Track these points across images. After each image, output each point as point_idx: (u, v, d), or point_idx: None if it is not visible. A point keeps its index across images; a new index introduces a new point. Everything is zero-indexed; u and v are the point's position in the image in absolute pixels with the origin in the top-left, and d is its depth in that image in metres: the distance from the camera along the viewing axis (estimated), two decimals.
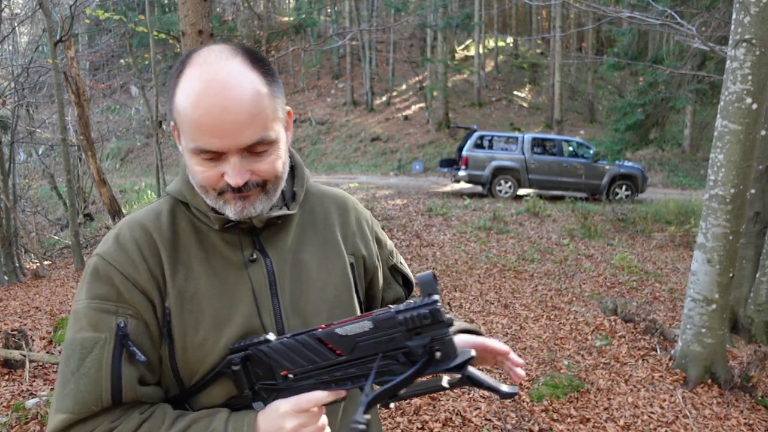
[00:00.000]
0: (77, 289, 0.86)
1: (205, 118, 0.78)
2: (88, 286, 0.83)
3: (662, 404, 3.60)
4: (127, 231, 0.87)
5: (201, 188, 0.86)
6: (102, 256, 0.85)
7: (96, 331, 0.80)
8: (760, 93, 3.61)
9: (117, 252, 0.84)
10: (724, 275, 3.85)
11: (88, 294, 0.83)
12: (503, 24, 33.23)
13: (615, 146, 9.99)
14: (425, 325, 0.73)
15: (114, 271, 0.83)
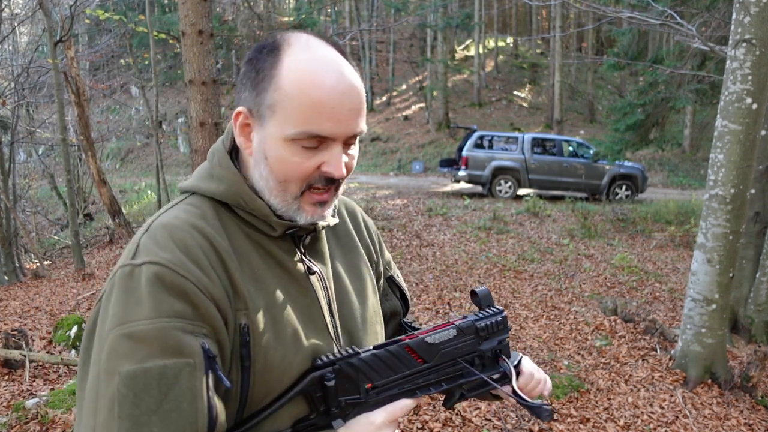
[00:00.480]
0: (113, 305, 0.67)
1: (325, 100, 0.73)
2: (153, 301, 0.65)
3: (662, 404, 3.60)
4: (186, 235, 0.72)
5: (283, 184, 0.77)
6: (166, 265, 0.67)
7: (180, 357, 0.64)
8: (760, 93, 3.61)
9: (185, 260, 0.69)
10: (724, 275, 3.85)
11: (156, 311, 0.65)
12: (503, 24, 33.24)
13: (615, 146, 9.99)
14: (496, 331, 0.87)
15: (187, 283, 0.67)
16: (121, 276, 0.69)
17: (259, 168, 0.78)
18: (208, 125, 5.76)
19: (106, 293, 0.70)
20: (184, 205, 0.79)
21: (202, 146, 5.81)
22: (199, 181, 0.82)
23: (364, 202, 10.98)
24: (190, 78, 5.67)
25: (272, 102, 0.74)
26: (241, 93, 0.79)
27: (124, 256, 0.72)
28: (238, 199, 0.79)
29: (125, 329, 0.65)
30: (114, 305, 0.67)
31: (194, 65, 5.63)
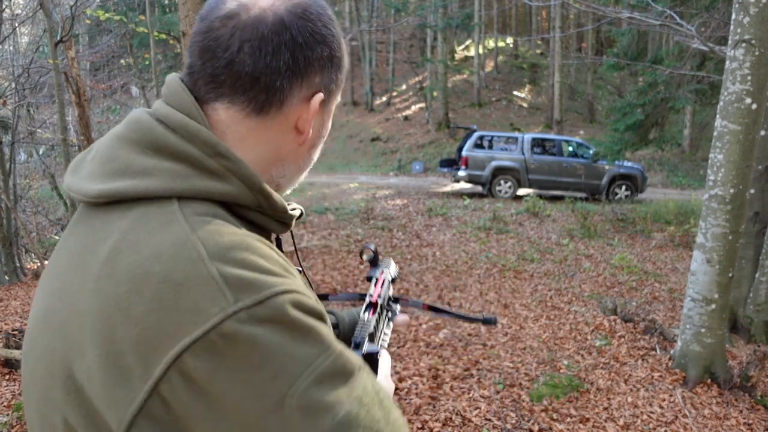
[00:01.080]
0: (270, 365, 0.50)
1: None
2: (312, 331, 0.53)
3: (662, 404, 3.61)
4: (266, 250, 0.57)
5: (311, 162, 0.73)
6: (292, 290, 0.54)
7: (360, 367, 0.57)
8: (759, 93, 3.61)
9: (295, 280, 0.57)
10: (723, 275, 3.86)
11: (321, 339, 0.53)
12: (503, 24, 33.25)
13: (614, 146, 10.00)
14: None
15: (313, 302, 0.57)
16: (244, 324, 0.49)
17: (312, 151, 0.72)
18: None
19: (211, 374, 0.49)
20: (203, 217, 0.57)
21: None
22: (180, 180, 0.58)
23: (364, 202, 10.99)
24: None
25: (341, 80, 0.71)
26: (313, 76, 0.65)
27: (213, 303, 0.50)
28: (257, 198, 0.62)
29: (307, 379, 0.50)
30: (267, 362, 0.49)
31: None
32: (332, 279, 6.06)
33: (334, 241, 7.77)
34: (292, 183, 0.73)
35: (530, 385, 3.74)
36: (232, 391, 0.48)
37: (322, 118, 0.70)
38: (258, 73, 0.61)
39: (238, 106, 0.63)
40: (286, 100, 0.64)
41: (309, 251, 7.12)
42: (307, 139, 0.68)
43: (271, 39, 0.61)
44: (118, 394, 0.49)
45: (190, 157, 0.59)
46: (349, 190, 13.22)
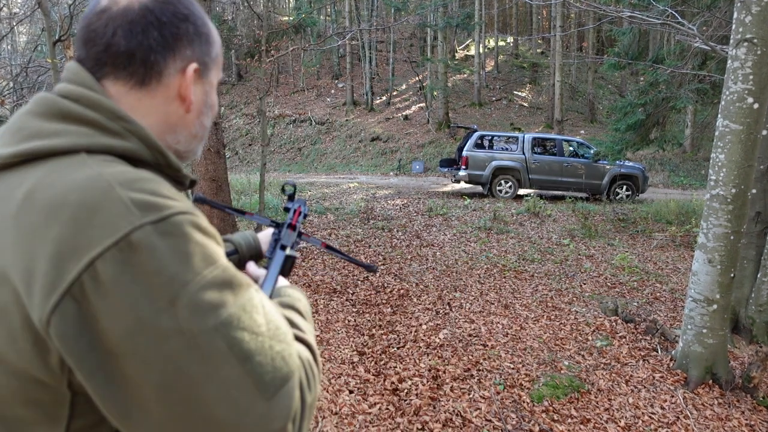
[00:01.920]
0: (156, 272, 0.57)
1: None
2: (207, 247, 0.62)
3: (663, 405, 3.59)
4: (164, 181, 0.66)
5: (203, 129, 0.83)
6: (189, 211, 0.63)
7: (249, 284, 0.66)
8: (761, 92, 3.59)
9: (192, 206, 0.66)
10: (725, 275, 3.83)
11: (216, 255, 0.62)
12: (503, 24, 33.24)
13: (615, 146, 9.98)
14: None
15: (209, 226, 0.66)
16: (149, 235, 0.57)
17: (201, 119, 0.81)
18: None
19: (120, 272, 0.56)
20: (108, 163, 0.64)
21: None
22: (86, 137, 0.66)
23: (364, 202, 10.98)
24: None
25: (216, 54, 0.81)
26: (184, 49, 0.75)
27: (122, 218, 0.58)
28: (155, 155, 0.72)
29: (197, 284, 0.58)
30: (165, 267, 0.57)
31: None
32: (332, 279, 6.05)
33: (334, 241, 7.75)
34: (191, 149, 0.82)
35: (531, 385, 3.72)
36: (132, 291, 0.56)
37: (204, 89, 0.80)
38: (132, 50, 0.71)
39: (122, 80, 0.72)
40: (164, 72, 0.74)
41: (309, 251, 7.10)
42: (191, 105, 0.77)
43: (139, 21, 0.71)
44: (37, 298, 0.56)
45: (94, 121, 0.68)
46: (348, 190, 13.20)
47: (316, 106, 24.52)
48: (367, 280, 6.08)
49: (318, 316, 4.90)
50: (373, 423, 3.21)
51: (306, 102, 25.10)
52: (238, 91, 26.57)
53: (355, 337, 4.54)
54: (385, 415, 3.29)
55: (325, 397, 3.46)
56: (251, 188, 11.80)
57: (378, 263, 6.78)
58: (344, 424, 3.17)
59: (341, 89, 25.74)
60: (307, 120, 23.32)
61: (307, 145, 21.93)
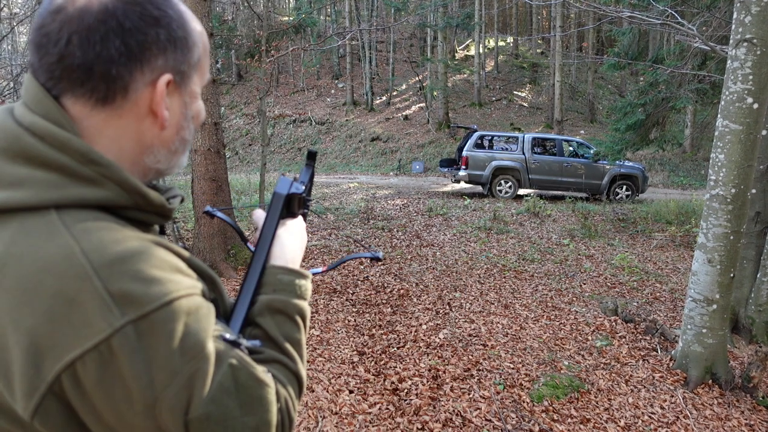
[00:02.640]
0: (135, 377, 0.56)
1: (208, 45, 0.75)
2: (199, 331, 0.60)
3: (663, 405, 3.59)
4: (148, 248, 0.61)
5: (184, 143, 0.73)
6: (177, 296, 0.59)
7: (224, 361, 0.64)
8: (761, 93, 3.60)
9: (179, 277, 0.62)
10: (725, 275, 3.84)
11: (205, 338, 0.60)
12: (503, 24, 33.25)
13: (615, 146, 9.98)
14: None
15: (196, 299, 0.62)
16: (129, 338, 0.55)
17: (181, 133, 0.71)
18: (207, 125, 5.75)
19: (100, 377, 0.55)
20: (83, 225, 0.59)
21: (201, 146, 5.81)
22: (54, 190, 0.59)
23: (364, 202, 10.98)
24: None
25: (197, 59, 0.70)
26: (153, 59, 0.64)
27: (102, 318, 0.54)
28: (136, 199, 0.65)
29: (176, 386, 0.57)
30: (145, 371, 0.56)
31: None
32: (332, 279, 6.05)
33: (334, 241, 7.75)
34: (172, 165, 0.73)
35: (531, 385, 3.72)
36: (112, 395, 0.55)
37: (183, 100, 0.70)
38: (90, 63, 0.61)
39: (81, 99, 0.63)
40: (130, 87, 0.64)
41: (309, 251, 7.11)
42: (165, 121, 0.68)
43: (98, 28, 0.61)
44: (18, 396, 0.56)
45: (63, 166, 0.60)
46: (348, 190, 13.20)
47: (316, 106, 24.52)
48: (367, 280, 6.08)
49: (318, 316, 4.90)
50: (373, 423, 3.22)
51: (306, 102, 25.10)
52: (238, 91, 26.57)
53: (355, 337, 4.54)
54: (385, 415, 3.30)
55: (325, 397, 3.46)
56: (251, 188, 11.80)
57: (378, 263, 6.79)
58: (344, 424, 3.17)
59: (341, 89, 25.74)
60: (307, 120, 23.32)
61: (307, 145, 21.92)
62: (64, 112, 0.63)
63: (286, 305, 0.76)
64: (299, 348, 0.75)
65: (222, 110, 21.81)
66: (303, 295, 0.79)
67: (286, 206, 0.86)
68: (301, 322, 0.77)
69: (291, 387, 0.70)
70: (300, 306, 0.77)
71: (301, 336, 0.76)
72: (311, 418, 3.20)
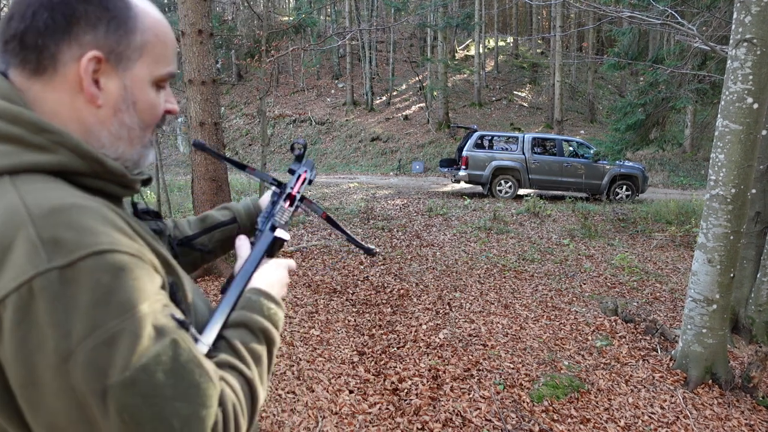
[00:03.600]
0: (64, 320, 0.55)
1: (173, 41, 0.77)
2: (119, 294, 0.57)
3: (663, 405, 3.59)
4: (95, 207, 0.62)
5: (146, 129, 0.75)
6: (114, 249, 0.59)
7: (165, 336, 0.60)
8: (761, 93, 3.59)
9: (122, 237, 0.61)
10: (725, 275, 3.84)
11: (124, 305, 0.57)
12: (503, 24, 33.24)
13: (615, 146, 9.98)
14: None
15: (137, 261, 0.61)
16: (52, 283, 0.55)
17: (120, 116, 0.71)
18: (207, 125, 5.75)
19: (18, 321, 0.55)
20: (33, 185, 0.61)
21: None
22: (7, 158, 0.62)
23: (364, 202, 10.98)
24: (190, 78, 5.67)
25: (141, 43, 0.71)
26: (82, 34, 0.67)
27: (28, 261, 0.55)
28: (91, 165, 0.67)
29: (95, 340, 0.55)
30: (64, 319, 0.55)
31: (194, 65, 5.62)
32: (332, 279, 6.05)
33: (334, 241, 7.75)
34: (122, 154, 0.73)
35: (531, 385, 3.72)
36: (27, 342, 0.54)
37: (122, 82, 0.71)
38: (21, 34, 0.66)
39: (18, 69, 0.67)
40: (59, 59, 0.66)
41: (309, 251, 7.11)
42: (93, 97, 0.68)
43: (32, 3, 0.66)
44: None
45: (16, 137, 0.63)
46: (349, 189, 13.20)
47: (316, 106, 24.52)
48: (367, 280, 6.08)
49: (318, 316, 4.90)
50: (373, 423, 3.22)
51: (306, 102, 25.09)
52: (238, 91, 26.57)
53: (355, 337, 4.54)
54: (385, 415, 3.30)
55: (325, 397, 3.46)
56: (251, 188, 11.81)
57: (378, 263, 6.78)
58: (344, 424, 3.17)
59: (341, 89, 25.74)
60: (307, 120, 23.32)
61: (308, 144, 21.92)
62: (14, 86, 0.66)
63: (250, 320, 0.77)
64: (258, 361, 0.74)
65: (222, 110, 21.82)
66: (270, 317, 0.80)
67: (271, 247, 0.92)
68: (264, 342, 0.77)
69: (242, 394, 0.68)
70: (263, 324, 0.78)
71: (262, 351, 0.75)
72: (311, 418, 3.20)
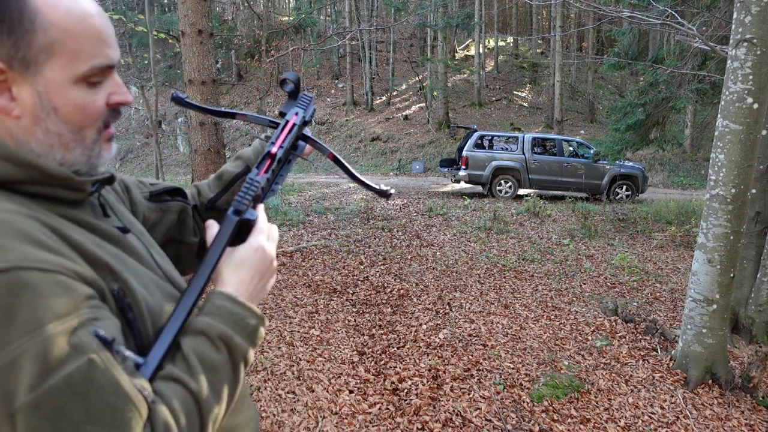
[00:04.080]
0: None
1: (100, 26, 0.68)
2: (24, 314, 0.55)
3: (663, 405, 3.59)
4: (14, 220, 0.60)
5: (80, 132, 0.69)
6: (22, 266, 0.56)
7: (79, 356, 0.57)
8: (761, 93, 3.59)
9: (36, 251, 0.58)
10: (725, 275, 3.84)
11: (31, 324, 0.55)
12: (503, 24, 33.24)
13: (615, 146, 9.98)
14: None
15: (54, 276, 0.58)
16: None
17: (42, 125, 0.66)
18: (207, 125, 5.75)
19: None
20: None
21: (201, 146, 5.80)
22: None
23: (364, 202, 10.98)
24: (190, 78, 5.67)
25: (47, 43, 0.64)
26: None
27: None
28: (30, 172, 0.64)
29: (3, 358, 0.53)
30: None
31: (194, 65, 5.62)
32: (332, 279, 6.05)
33: (334, 241, 7.75)
34: (67, 160, 0.69)
35: (531, 385, 3.72)
36: None
37: (35, 89, 0.65)
38: None
39: None
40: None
41: (309, 251, 7.11)
42: (12, 110, 0.65)
43: None
44: None
45: None
46: (349, 190, 13.20)
47: (317, 106, 24.47)
48: (367, 280, 6.08)
49: (318, 316, 4.90)
50: (373, 423, 3.22)
51: None
52: (238, 91, 26.57)
53: (355, 337, 4.54)
54: (385, 415, 3.30)
55: (325, 397, 3.46)
56: None
57: (378, 263, 6.78)
58: (344, 424, 3.17)
59: (341, 89, 25.74)
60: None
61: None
62: None
63: (209, 326, 0.71)
64: (213, 373, 0.69)
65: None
66: (235, 321, 0.73)
67: (236, 233, 0.79)
68: (225, 350, 0.71)
69: (182, 409, 0.64)
70: (222, 331, 0.71)
71: (219, 361, 0.70)
72: (311, 418, 3.20)
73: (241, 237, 0.80)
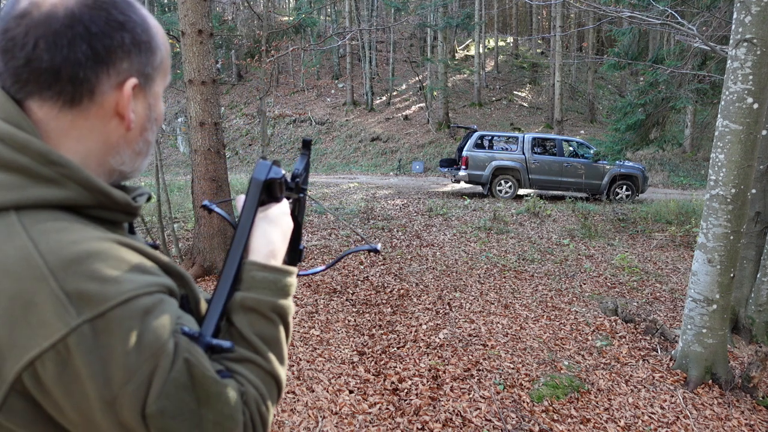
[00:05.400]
0: (89, 377, 0.57)
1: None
2: (157, 329, 0.60)
3: (663, 405, 3.59)
4: (110, 248, 0.62)
5: (148, 145, 0.74)
6: (134, 295, 0.59)
7: (180, 354, 0.64)
8: (761, 93, 3.60)
9: (138, 276, 0.62)
10: (725, 275, 3.84)
11: (164, 336, 0.61)
12: (503, 24, 33.25)
13: (615, 146, 9.98)
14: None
15: (160, 297, 0.63)
16: (86, 337, 0.56)
17: (144, 135, 0.73)
18: (207, 125, 5.75)
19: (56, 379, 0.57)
20: (42, 226, 0.60)
21: (201, 146, 5.81)
22: (15, 191, 0.60)
23: (364, 202, 10.98)
24: (190, 78, 5.67)
25: (159, 61, 0.72)
26: (119, 63, 0.66)
27: (59, 318, 0.56)
28: (99, 198, 0.66)
29: (134, 384, 0.58)
30: (101, 369, 0.57)
31: (194, 65, 5.63)
32: (332, 279, 6.05)
33: (334, 241, 7.75)
34: (136, 167, 0.74)
35: (531, 385, 3.72)
36: (73, 392, 0.57)
37: (147, 102, 0.72)
38: (57, 67, 0.62)
39: (49, 102, 0.64)
40: (96, 89, 0.65)
41: (309, 251, 7.11)
42: (131, 123, 0.69)
43: (65, 33, 0.62)
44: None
45: (23, 168, 0.61)
46: (349, 190, 13.20)
47: (316, 106, 24.51)
48: (367, 280, 6.08)
49: (318, 316, 4.90)
50: (373, 423, 3.22)
51: (306, 102, 25.08)
52: (238, 91, 26.57)
53: (355, 337, 4.54)
54: (385, 415, 3.30)
55: (325, 397, 3.46)
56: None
57: (378, 263, 6.78)
58: (344, 424, 3.17)
59: (341, 89, 25.73)
60: (307, 120, 23.31)
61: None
62: (26, 115, 0.64)
63: (259, 303, 0.74)
64: (275, 346, 0.74)
65: (222, 110, 21.84)
66: (281, 292, 0.77)
67: (266, 192, 0.83)
68: (279, 320, 0.75)
69: (264, 387, 0.70)
70: (275, 303, 0.75)
71: (279, 334, 0.75)
72: (311, 418, 3.20)
73: (270, 196, 0.84)
